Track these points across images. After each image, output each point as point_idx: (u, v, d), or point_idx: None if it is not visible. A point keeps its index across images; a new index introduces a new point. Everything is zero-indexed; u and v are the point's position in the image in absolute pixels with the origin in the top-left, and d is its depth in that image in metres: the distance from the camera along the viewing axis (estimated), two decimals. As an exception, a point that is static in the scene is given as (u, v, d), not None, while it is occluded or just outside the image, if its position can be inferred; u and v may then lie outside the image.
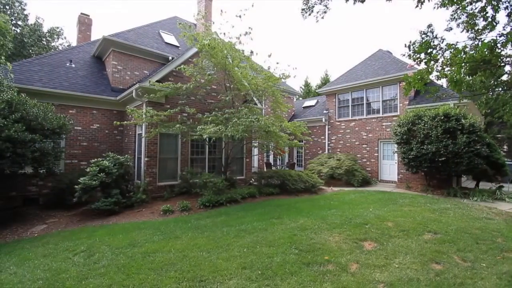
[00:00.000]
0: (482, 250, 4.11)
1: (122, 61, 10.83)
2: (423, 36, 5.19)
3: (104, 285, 3.17)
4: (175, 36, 13.55)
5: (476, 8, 5.63)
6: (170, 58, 11.40)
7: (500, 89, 6.39)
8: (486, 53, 4.37)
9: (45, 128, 6.73)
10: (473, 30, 5.84)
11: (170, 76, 8.99)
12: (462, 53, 4.62)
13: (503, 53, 4.59)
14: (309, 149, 15.86)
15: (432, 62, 4.79)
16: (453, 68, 4.75)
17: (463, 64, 4.66)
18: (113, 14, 61.93)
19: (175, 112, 8.26)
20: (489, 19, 5.49)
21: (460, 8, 5.76)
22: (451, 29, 6.17)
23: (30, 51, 20.39)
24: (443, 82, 13.36)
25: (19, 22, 20.76)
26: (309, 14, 6.46)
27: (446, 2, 5.46)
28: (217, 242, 4.46)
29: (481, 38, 5.55)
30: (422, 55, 4.86)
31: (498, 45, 4.50)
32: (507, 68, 6.17)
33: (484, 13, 5.52)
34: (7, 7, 19.86)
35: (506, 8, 5.51)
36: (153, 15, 73.65)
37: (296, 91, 20.44)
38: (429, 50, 4.79)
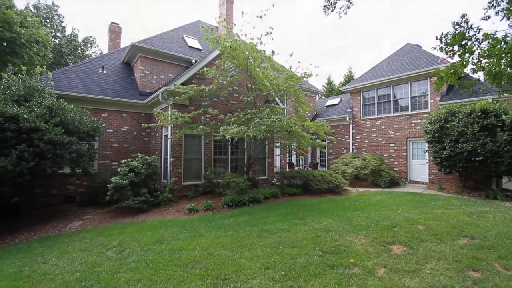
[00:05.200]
0: (527, 258, 3.74)
1: (149, 66, 11.33)
2: (457, 27, 4.82)
3: (134, 279, 3.34)
4: (198, 40, 13.91)
5: (518, -6, 5.14)
6: (193, 61, 11.73)
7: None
8: (531, 42, 3.99)
9: (81, 131, 7.25)
10: (514, 18, 5.34)
11: (194, 79, 9.25)
12: (502, 43, 4.24)
13: (550, 41, 4.16)
14: (332, 149, 15.48)
15: (467, 55, 4.45)
16: (491, 60, 4.37)
17: (503, 55, 4.28)
18: (141, 20, 65.08)
19: (198, 113, 8.48)
20: (534, 4, 4.99)
21: (500, -6, 5.30)
22: (489, 17, 5.68)
23: (67, 59, 22.05)
24: (480, 75, 12.37)
25: (58, 34, 22.56)
26: (332, 11, 6.29)
27: (483, -11, 5.06)
28: (240, 242, 4.50)
29: (524, 26, 5.06)
30: (456, 47, 4.53)
31: (545, 32, 4.09)
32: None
33: (528, -2, 5.02)
34: (47, 20, 21.67)
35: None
36: (179, 20, 76.30)
37: (319, 89, 20.05)
38: (463, 42, 4.45)
